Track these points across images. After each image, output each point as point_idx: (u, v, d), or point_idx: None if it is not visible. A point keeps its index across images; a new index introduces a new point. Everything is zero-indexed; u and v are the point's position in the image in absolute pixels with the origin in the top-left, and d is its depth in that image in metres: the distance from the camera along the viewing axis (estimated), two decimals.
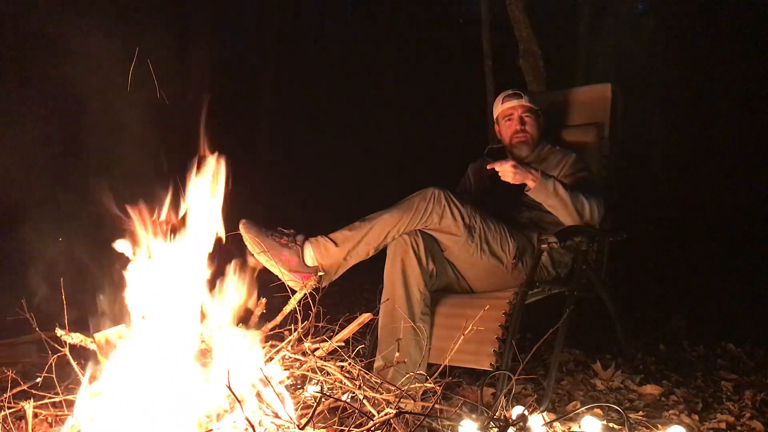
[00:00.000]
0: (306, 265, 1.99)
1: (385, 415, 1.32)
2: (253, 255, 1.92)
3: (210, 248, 1.66)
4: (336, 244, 2.00)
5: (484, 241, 2.07)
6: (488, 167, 2.09)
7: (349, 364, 1.60)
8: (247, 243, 1.93)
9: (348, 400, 1.52)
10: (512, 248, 2.10)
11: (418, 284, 1.97)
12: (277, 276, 1.95)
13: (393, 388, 1.55)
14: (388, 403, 1.46)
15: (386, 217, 2.02)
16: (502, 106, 2.43)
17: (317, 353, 1.71)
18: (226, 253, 1.71)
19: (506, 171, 2.06)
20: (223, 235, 1.69)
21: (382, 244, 2.04)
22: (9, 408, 1.47)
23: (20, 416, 1.47)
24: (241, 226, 1.93)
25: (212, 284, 1.66)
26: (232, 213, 1.77)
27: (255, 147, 7.80)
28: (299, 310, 1.80)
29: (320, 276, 2.01)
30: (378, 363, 1.91)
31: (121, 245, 1.59)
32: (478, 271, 2.15)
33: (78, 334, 1.61)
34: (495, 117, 2.49)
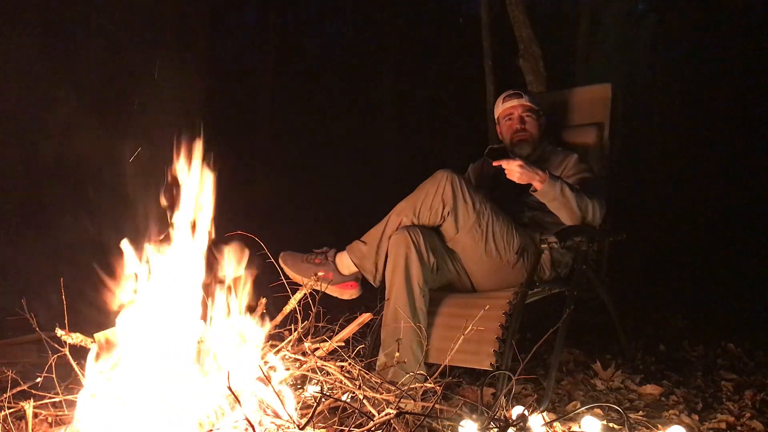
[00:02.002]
0: (343, 275, 2.12)
1: (386, 415, 1.32)
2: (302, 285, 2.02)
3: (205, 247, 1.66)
4: (365, 243, 2.11)
5: (490, 230, 2.08)
6: (494, 164, 2.09)
7: (349, 364, 1.60)
8: (288, 273, 2.06)
9: (348, 400, 1.52)
10: (516, 244, 2.11)
11: (419, 280, 1.98)
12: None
13: (393, 388, 1.55)
14: (388, 403, 1.46)
15: (400, 204, 2.12)
16: (502, 106, 2.44)
17: (317, 353, 1.71)
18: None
19: (513, 170, 2.05)
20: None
21: None
22: (9, 408, 1.47)
23: (20, 416, 1.47)
24: (280, 260, 2.07)
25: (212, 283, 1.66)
26: (232, 213, 1.77)
27: (255, 148, 7.80)
28: (299, 310, 1.80)
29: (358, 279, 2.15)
30: (381, 360, 1.91)
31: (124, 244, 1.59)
32: (481, 264, 2.15)
33: (78, 334, 1.61)
34: (496, 117, 2.50)
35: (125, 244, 1.58)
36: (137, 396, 1.40)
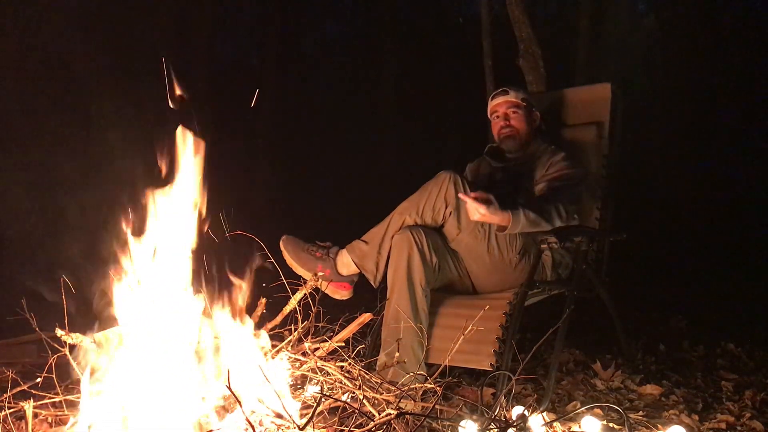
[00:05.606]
0: (340, 274, 2.11)
1: (386, 415, 1.31)
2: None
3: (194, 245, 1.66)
4: (366, 243, 2.10)
5: (492, 230, 2.07)
6: (460, 196, 1.97)
7: (349, 364, 1.60)
8: (285, 258, 2.05)
9: (348, 401, 1.52)
10: (518, 244, 2.11)
11: (421, 280, 1.98)
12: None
13: (393, 388, 1.55)
14: (388, 403, 1.46)
15: (403, 204, 2.11)
16: (490, 105, 2.46)
17: (317, 353, 1.71)
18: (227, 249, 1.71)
19: (473, 211, 1.89)
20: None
21: None
22: (9, 408, 1.47)
23: (20, 416, 1.47)
24: (281, 243, 2.07)
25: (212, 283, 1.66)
26: (232, 212, 1.77)
27: (255, 147, 7.79)
28: (299, 310, 1.80)
29: (354, 279, 2.15)
30: (381, 360, 1.91)
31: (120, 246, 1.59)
32: (483, 264, 2.15)
33: (78, 334, 1.60)
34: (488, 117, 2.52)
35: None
36: (137, 396, 1.40)
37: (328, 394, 1.55)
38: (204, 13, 6.68)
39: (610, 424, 1.74)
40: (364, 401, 1.46)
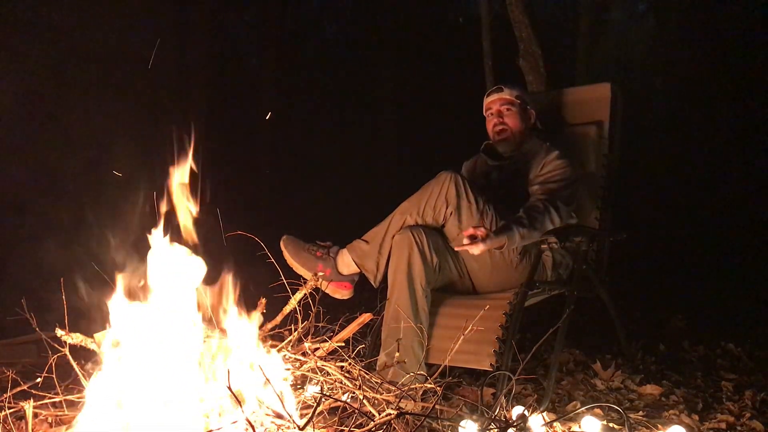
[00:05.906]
0: (341, 274, 2.10)
1: (386, 415, 1.31)
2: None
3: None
4: (367, 242, 2.10)
5: (493, 230, 2.06)
6: (457, 248, 1.97)
7: (349, 364, 1.60)
8: (286, 258, 2.05)
9: (348, 401, 1.52)
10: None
11: (421, 280, 1.98)
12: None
13: (393, 388, 1.55)
14: (388, 403, 1.46)
15: (404, 204, 2.11)
16: (484, 102, 2.45)
17: (317, 353, 1.71)
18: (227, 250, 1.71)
19: (472, 249, 1.88)
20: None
21: None
22: (9, 408, 1.47)
23: (20, 416, 1.47)
24: (281, 243, 2.07)
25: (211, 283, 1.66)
26: (233, 213, 1.77)
27: (256, 148, 7.80)
28: (299, 310, 1.80)
29: (355, 279, 2.14)
30: (381, 360, 1.91)
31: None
32: (483, 264, 2.15)
33: (78, 334, 1.61)
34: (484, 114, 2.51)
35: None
36: (137, 396, 1.40)
37: (328, 394, 1.55)
38: (204, 13, 6.68)
39: (610, 424, 1.74)
40: (364, 401, 1.46)
